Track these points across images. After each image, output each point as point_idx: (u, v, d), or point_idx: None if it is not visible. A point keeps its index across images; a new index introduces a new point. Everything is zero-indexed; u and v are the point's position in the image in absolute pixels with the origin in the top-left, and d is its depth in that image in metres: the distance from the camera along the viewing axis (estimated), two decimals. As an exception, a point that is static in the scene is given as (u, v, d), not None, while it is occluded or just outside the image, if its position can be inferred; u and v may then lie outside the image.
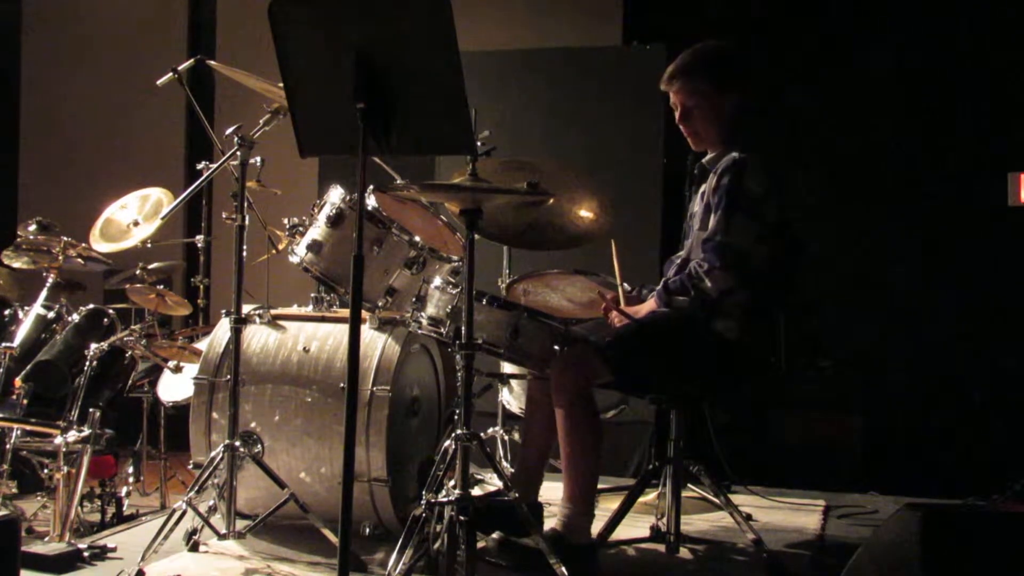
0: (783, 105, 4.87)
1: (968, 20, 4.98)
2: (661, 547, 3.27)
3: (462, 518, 2.63)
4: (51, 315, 4.31)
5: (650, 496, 3.61)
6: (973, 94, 4.98)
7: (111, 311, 4.47)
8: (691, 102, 3.19)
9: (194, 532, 3.12)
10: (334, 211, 3.39)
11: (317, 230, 3.42)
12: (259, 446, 3.35)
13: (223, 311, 3.31)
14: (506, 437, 4.15)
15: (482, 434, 3.29)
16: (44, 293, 4.16)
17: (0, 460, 3.66)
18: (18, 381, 3.95)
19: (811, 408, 4.88)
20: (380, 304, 3.40)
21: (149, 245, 4.32)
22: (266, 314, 3.55)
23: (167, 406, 4.35)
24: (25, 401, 3.91)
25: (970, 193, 4.96)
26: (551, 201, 3.09)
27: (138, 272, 4.41)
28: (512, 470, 3.76)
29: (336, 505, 2.34)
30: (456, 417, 2.87)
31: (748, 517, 3.39)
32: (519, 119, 5.02)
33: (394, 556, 2.78)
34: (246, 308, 3.34)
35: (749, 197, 3.02)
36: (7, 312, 4.34)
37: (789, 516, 3.91)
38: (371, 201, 3.36)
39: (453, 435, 2.77)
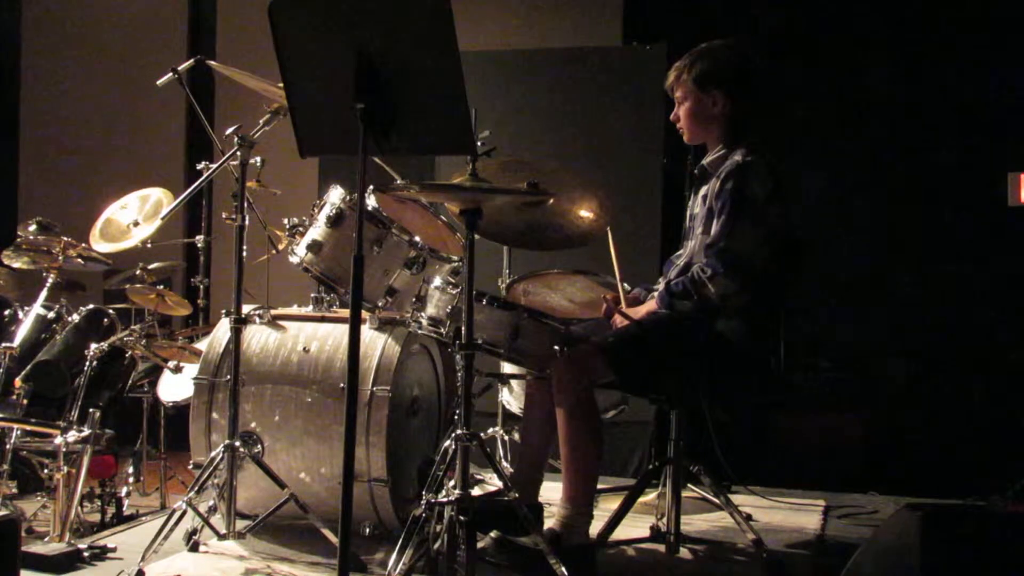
0: (783, 105, 4.87)
1: (968, 19, 4.98)
2: (661, 547, 3.27)
3: (462, 518, 2.63)
4: (51, 315, 4.31)
5: (650, 496, 3.61)
6: (973, 94, 4.98)
7: (111, 311, 4.47)
8: (683, 101, 3.20)
9: (194, 532, 3.12)
10: (334, 211, 3.39)
11: (317, 230, 3.42)
12: (259, 446, 3.35)
13: (223, 311, 3.31)
14: (506, 437, 4.15)
15: (482, 434, 3.28)
16: (44, 293, 4.16)
17: (0, 460, 3.66)
18: (18, 381, 3.94)
19: (811, 408, 4.88)
20: (380, 304, 3.40)
21: (149, 245, 4.32)
22: (266, 314, 3.55)
23: (167, 406, 4.35)
24: (25, 401, 3.90)
25: (970, 193, 4.96)
26: (551, 201, 3.08)
27: (138, 272, 4.41)
28: (512, 470, 3.76)
29: (336, 505, 2.34)
30: (456, 417, 2.87)
31: (748, 517, 3.40)
32: (519, 119, 5.02)
33: (394, 556, 2.78)
34: (246, 308, 3.34)
35: (753, 202, 3.02)
36: (7, 312, 4.34)
37: (789, 516, 3.91)
38: (371, 201, 3.36)
39: (453, 435, 2.77)
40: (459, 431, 2.71)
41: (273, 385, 3.40)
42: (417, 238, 3.39)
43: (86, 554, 3.09)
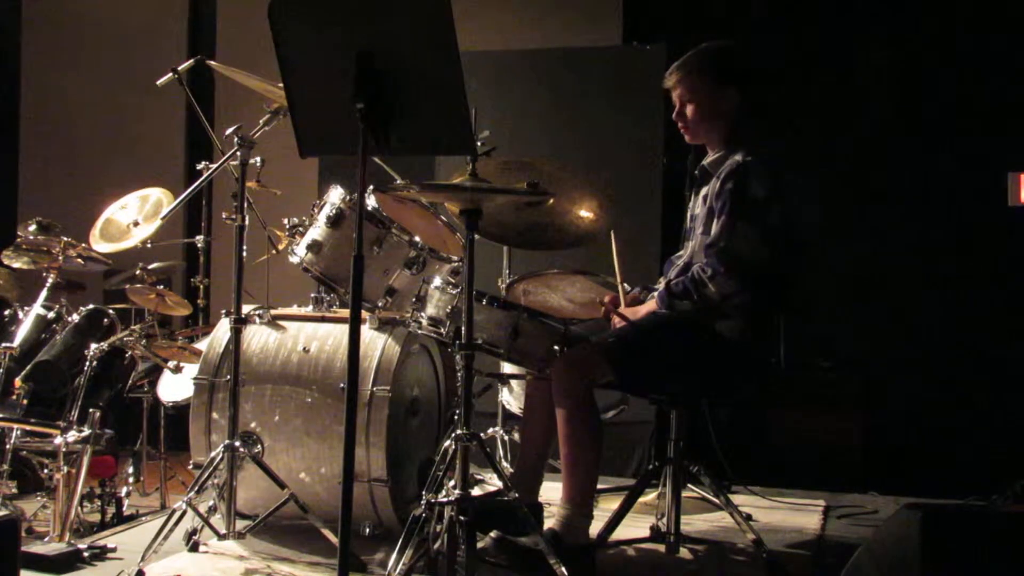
0: (783, 105, 4.87)
1: (968, 19, 4.98)
2: (661, 547, 3.27)
3: (462, 518, 2.63)
4: (51, 315, 4.31)
5: (650, 496, 3.61)
6: (972, 94, 4.98)
7: (111, 311, 4.47)
8: (691, 99, 3.20)
9: (194, 532, 3.12)
10: (334, 211, 3.39)
11: (317, 230, 3.42)
12: (259, 446, 3.35)
13: (223, 311, 3.31)
14: (506, 437, 4.15)
15: (482, 434, 3.28)
16: (44, 293, 4.16)
17: (0, 460, 3.66)
18: (18, 381, 3.95)
19: (811, 408, 4.88)
20: (380, 304, 3.40)
21: (149, 245, 4.32)
22: (266, 314, 3.55)
23: (167, 406, 4.35)
24: (25, 401, 3.91)
25: (970, 193, 4.96)
26: (551, 201, 3.08)
27: (138, 272, 4.41)
28: (512, 470, 3.76)
29: (336, 505, 2.34)
30: (456, 417, 2.87)
31: (748, 517, 3.39)
32: (519, 119, 5.02)
33: (394, 556, 2.78)
34: (246, 308, 3.34)
35: (752, 202, 3.02)
36: (7, 312, 4.34)
37: (789, 516, 3.91)
38: (371, 201, 3.36)
39: (453, 435, 2.77)
40: (459, 431, 2.71)
41: (273, 385, 3.40)
42: (417, 238, 3.39)
43: (86, 554, 3.10)
